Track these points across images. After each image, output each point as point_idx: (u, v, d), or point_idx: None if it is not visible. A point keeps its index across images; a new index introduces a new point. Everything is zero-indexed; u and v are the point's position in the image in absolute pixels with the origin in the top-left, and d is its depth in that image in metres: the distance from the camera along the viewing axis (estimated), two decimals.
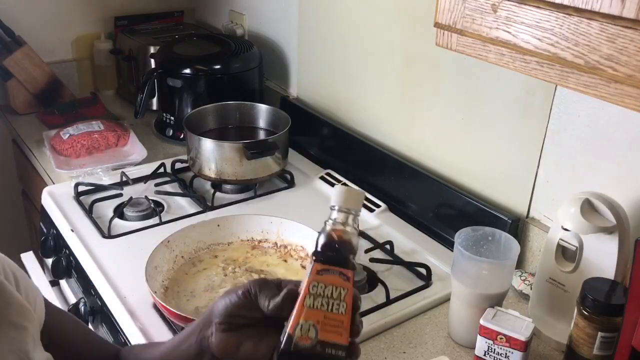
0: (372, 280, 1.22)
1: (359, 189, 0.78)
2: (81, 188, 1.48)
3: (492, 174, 1.30)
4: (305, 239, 1.23)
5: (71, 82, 2.06)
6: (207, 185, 1.56)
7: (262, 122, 1.67)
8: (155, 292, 1.06)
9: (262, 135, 1.65)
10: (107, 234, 1.33)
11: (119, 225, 1.37)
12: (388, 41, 1.47)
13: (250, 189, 1.54)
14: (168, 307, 1.01)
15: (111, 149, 1.70)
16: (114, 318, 1.13)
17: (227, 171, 1.48)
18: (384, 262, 1.26)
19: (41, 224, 1.51)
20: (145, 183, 1.53)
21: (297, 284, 0.70)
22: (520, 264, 1.27)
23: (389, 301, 1.15)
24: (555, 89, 1.13)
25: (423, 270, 1.23)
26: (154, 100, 1.87)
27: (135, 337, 1.07)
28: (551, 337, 1.08)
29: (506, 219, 1.23)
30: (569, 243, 1.04)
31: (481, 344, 0.98)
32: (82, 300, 1.25)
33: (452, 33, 0.85)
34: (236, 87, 1.75)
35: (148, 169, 1.59)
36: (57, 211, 1.42)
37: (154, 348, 0.83)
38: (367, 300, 1.17)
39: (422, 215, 1.41)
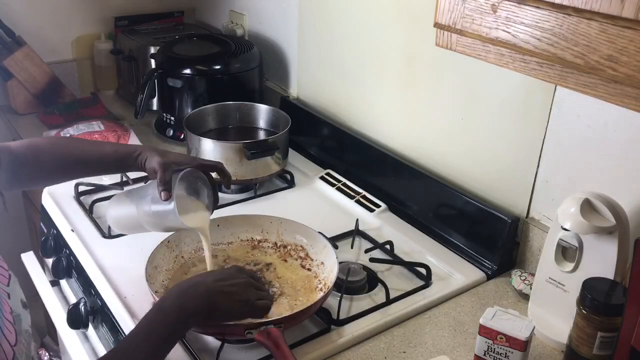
0: (372, 280, 1.22)
1: None
2: (81, 188, 1.48)
3: (492, 174, 1.30)
4: (305, 239, 1.23)
5: (71, 82, 2.06)
6: None
7: (262, 122, 1.67)
8: (156, 292, 1.06)
9: (262, 135, 1.65)
10: (107, 234, 1.33)
11: None
12: (388, 41, 1.47)
13: (250, 189, 1.54)
14: None
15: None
16: (114, 318, 1.13)
17: None
18: (384, 262, 1.26)
19: (41, 224, 1.51)
20: (145, 183, 1.53)
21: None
22: (520, 264, 1.27)
23: (389, 301, 1.15)
24: (555, 89, 1.13)
25: (423, 270, 1.23)
26: (154, 101, 1.88)
27: None
28: (551, 337, 1.08)
29: (506, 219, 1.23)
30: (569, 243, 1.05)
31: (481, 343, 0.98)
32: (82, 300, 1.25)
33: (452, 33, 0.85)
34: (236, 87, 1.75)
35: None
36: (57, 211, 1.42)
37: (90, 145, 1.15)
38: (367, 300, 1.17)
39: (422, 215, 1.41)
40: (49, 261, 1.43)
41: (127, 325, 1.09)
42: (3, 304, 0.89)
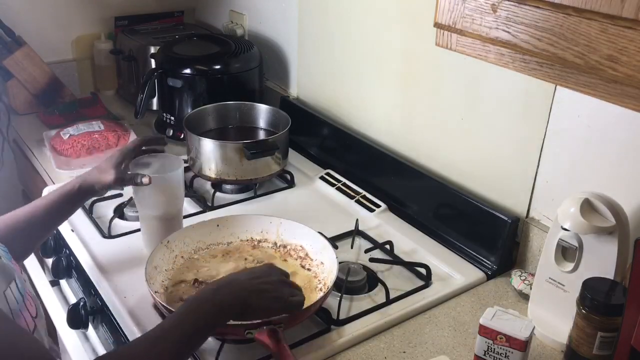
0: (372, 280, 1.22)
1: None
2: None
3: (492, 174, 1.30)
4: (305, 239, 1.23)
5: (71, 82, 2.06)
6: (207, 185, 1.56)
7: (262, 122, 1.67)
8: (156, 292, 1.06)
9: (262, 135, 1.65)
10: (107, 234, 1.33)
11: (119, 225, 1.38)
12: (388, 41, 1.47)
13: (250, 189, 1.54)
14: (168, 307, 1.01)
15: (111, 149, 1.70)
16: (114, 318, 1.13)
17: (227, 171, 1.48)
18: (383, 262, 1.26)
19: None
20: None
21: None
22: (520, 264, 1.27)
23: (388, 301, 1.15)
24: (555, 89, 1.13)
25: (423, 270, 1.23)
26: (154, 101, 1.88)
27: (135, 337, 1.06)
28: (551, 337, 1.08)
29: (506, 219, 1.23)
30: (569, 243, 1.05)
31: (481, 343, 0.98)
32: (82, 300, 1.25)
33: (452, 33, 0.85)
34: (236, 87, 1.75)
35: None
36: None
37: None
38: (367, 300, 1.17)
39: (422, 215, 1.41)
40: (49, 261, 1.43)
41: (127, 325, 1.09)
42: (24, 283, 0.91)
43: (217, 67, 1.73)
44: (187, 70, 1.71)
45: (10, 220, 1.09)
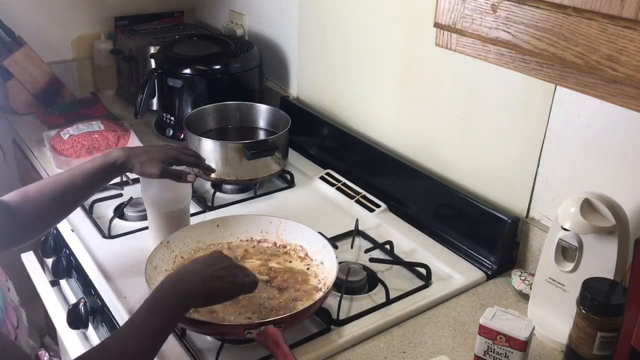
0: (372, 280, 1.22)
1: None
2: None
3: (492, 174, 1.30)
4: (305, 239, 1.23)
5: (71, 82, 2.06)
6: (207, 185, 1.56)
7: (262, 122, 1.68)
8: None
9: (262, 135, 1.65)
10: (107, 234, 1.33)
11: (119, 225, 1.38)
12: (388, 41, 1.47)
13: (250, 189, 1.54)
14: None
15: (111, 149, 1.70)
16: (114, 318, 1.13)
17: (227, 171, 1.48)
18: (383, 262, 1.26)
19: None
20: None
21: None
22: (520, 264, 1.27)
23: (388, 301, 1.15)
24: (555, 89, 1.13)
25: (423, 270, 1.23)
26: (154, 101, 1.88)
27: None
28: (551, 337, 1.08)
29: (506, 219, 1.23)
30: (569, 243, 1.05)
31: (481, 343, 0.98)
32: (82, 300, 1.25)
33: (451, 33, 0.85)
34: (236, 87, 1.75)
35: None
36: None
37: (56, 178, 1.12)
38: (367, 300, 1.17)
39: (422, 215, 1.41)
40: (49, 261, 1.43)
41: None
42: (6, 293, 0.91)
43: (217, 67, 1.73)
44: (187, 70, 1.71)
45: (46, 188, 1.10)
